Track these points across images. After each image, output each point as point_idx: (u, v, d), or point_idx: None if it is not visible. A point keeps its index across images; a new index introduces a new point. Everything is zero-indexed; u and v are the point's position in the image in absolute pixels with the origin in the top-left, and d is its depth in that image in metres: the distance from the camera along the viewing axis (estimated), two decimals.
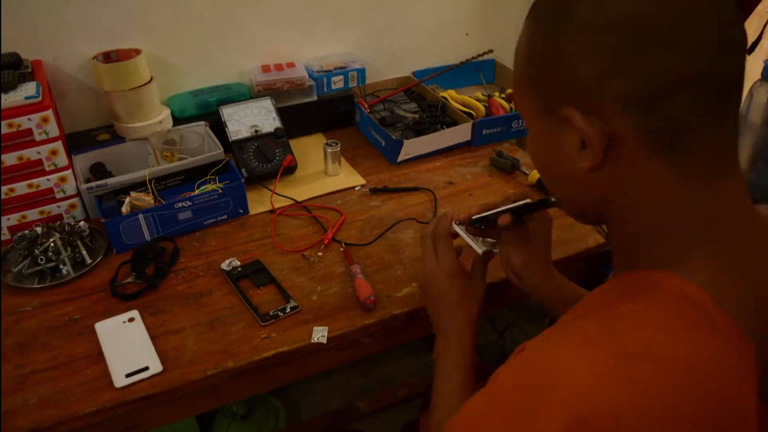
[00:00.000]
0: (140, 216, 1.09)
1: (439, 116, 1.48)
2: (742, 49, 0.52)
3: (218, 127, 1.31)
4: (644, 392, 0.45)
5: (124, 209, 1.10)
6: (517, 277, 0.91)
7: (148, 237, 1.11)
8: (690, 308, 0.49)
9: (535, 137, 0.62)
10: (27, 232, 1.07)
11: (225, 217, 1.18)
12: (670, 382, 0.45)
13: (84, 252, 1.07)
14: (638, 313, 0.50)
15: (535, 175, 1.28)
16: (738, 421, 0.48)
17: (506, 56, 1.71)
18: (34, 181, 1.09)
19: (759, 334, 0.51)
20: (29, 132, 1.05)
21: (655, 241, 0.55)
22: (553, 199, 0.82)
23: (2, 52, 1.17)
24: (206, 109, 1.37)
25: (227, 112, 1.33)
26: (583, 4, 0.52)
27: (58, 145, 1.09)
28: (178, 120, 1.35)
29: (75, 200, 1.15)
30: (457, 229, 0.90)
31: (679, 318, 0.49)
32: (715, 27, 0.49)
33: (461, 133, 1.42)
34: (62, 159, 1.11)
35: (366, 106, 1.49)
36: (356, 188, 1.29)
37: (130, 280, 1.03)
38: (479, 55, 1.56)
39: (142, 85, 1.26)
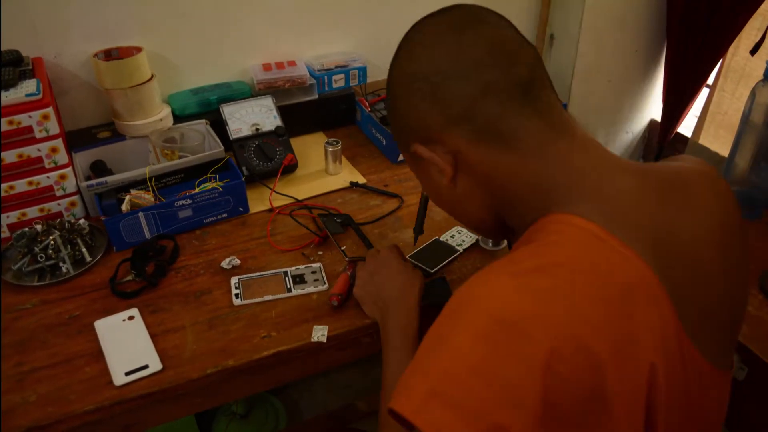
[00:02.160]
0: (140, 214, 1.09)
1: None
2: (528, 54, 0.65)
3: (219, 126, 1.31)
4: (540, 301, 0.52)
5: (125, 207, 1.10)
6: None
7: (148, 235, 1.11)
8: (581, 233, 0.58)
9: (417, 177, 0.77)
10: (27, 229, 1.07)
11: (225, 215, 1.18)
12: (565, 291, 0.53)
13: (84, 250, 1.07)
14: (534, 243, 0.59)
15: None
16: (640, 334, 0.54)
17: None
18: (34, 178, 1.09)
19: (667, 276, 0.58)
20: (29, 129, 1.05)
21: (535, 202, 0.64)
22: None
23: (3, 50, 1.17)
24: (207, 107, 1.37)
25: (228, 111, 1.33)
26: (395, 75, 0.70)
27: (59, 143, 1.09)
28: (178, 118, 1.35)
29: (75, 198, 1.15)
30: None
31: (572, 240, 0.58)
32: (487, 49, 0.63)
33: None
34: (62, 156, 1.11)
35: (367, 104, 1.48)
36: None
37: (129, 278, 1.03)
38: None
39: (142, 83, 1.26)
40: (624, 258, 0.57)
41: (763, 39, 1.42)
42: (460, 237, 1.12)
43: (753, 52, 1.45)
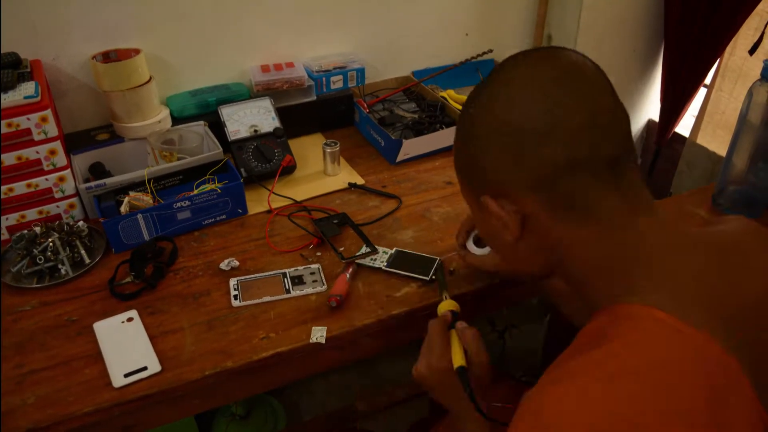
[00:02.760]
0: (139, 216, 1.09)
1: (438, 116, 1.48)
2: (620, 127, 0.63)
3: (217, 127, 1.31)
4: (633, 407, 0.50)
5: (123, 209, 1.10)
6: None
7: (146, 237, 1.11)
8: (662, 329, 0.55)
9: (475, 216, 0.74)
10: (26, 231, 1.07)
11: (224, 216, 1.18)
12: (655, 396, 0.50)
13: (83, 252, 1.07)
14: (614, 341, 0.56)
15: None
16: (726, 424, 0.51)
17: (505, 56, 1.71)
18: (33, 180, 1.09)
19: (740, 348, 0.56)
20: (28, 132, 1.05)
21: (605, 284, 0.63)
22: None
23: (2, 52, 1.17)
24: (205, 108, 1.37)
25: (226, 112, 1.33)
26: (480, 115, 0.65)
27: (57, 145, 1.09)
28: (177, 120, 1.35)
29: (74, 200, 1.15)
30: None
31: (654, 339, 0.55)
32: (586, 119, 0.60)
33: None
34: (61, 159, 1.11)
35: (365, 105, 1.49)
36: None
37: (128, 279, 1.03)
38: (479, 55, 1.56)
39: (141, 85, 1.26)
40: (704, 349, 0.55)
41: (761, 39, 1.43)
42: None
43: (752, 51, 1.45)
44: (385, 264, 1.05)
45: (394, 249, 1.09)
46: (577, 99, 0.61)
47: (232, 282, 1.03)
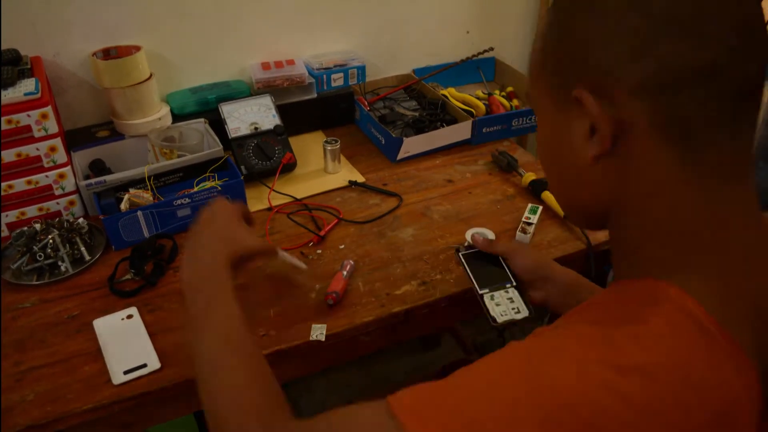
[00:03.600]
0: (139, 213, 1.09)
1: (439, 114, 1.48)
2: (766, 49, 0.50)
3: (218, 125, 1.31)
4: (625, 406, 0.45)
5: (123, 206, 1.10)
6: (538, 281, 0.91)
7: (146, 234, 1.11)
8: (687, 323, 0.49)
9: (543, 128, 0.61)
10: (26, 228, 1.07)
11: None
12: (657, 399, 0.45)
13: (83, 249, 1.07)
14: (634, 325, 0.49)
15: (528, 177, 1.27)
16: None
17: (506, 54, 1.71)
18: (33, 177, 1.09)
19: (759, 353, 0.50)
20: (28, 128, 1.05)
21: (657, 248, 0.54)
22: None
23: (2, 49, 1.17)
24: (206, 106, 1.37)
25: (227, 110, 1.33)
26: None
27: (57, 142, 1.09)
28: (177, 117, 1.35)
29: (74, 197, 1.15)
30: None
31: (676, 334, 0.48)
32: (741, 22, 0.48)
33: (461, 131, 1.42)
34: (61, 155, 1.11)
35: (366, 103, 1.48)
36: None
37: (128, 277, 1.03)
38: (479, 53, 1.56)
39: (141, 82, 1.26)
40: (730, 362, 0.48)
41: None
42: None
43: None
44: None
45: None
46: None
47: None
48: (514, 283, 0.90)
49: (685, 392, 0.46)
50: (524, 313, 0.86)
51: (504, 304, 0.87)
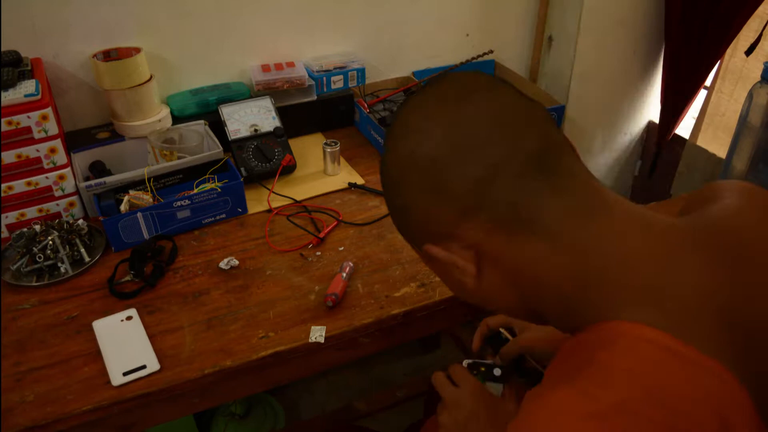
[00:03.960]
0: (139, 214, 1.09)
1: None
2: (533, 117, 0.56)
3: (218, 126, 1.31)
4: None
5: (123, 208, 1.10)
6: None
7: (146, 235, 1.11)
8: (650, 350, 0.49)
9: (434, 271, 0.66)
10: (25, 230, 1.07)
11: (224, 216, 1.18)
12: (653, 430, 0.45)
13: (82, 250, 1.07)
14: (604, 367, 0.49)
15: None
16: None
17: (506, 57, 1.71)
18: (33, 178, 1.09)
19: (745, 362, 0.50)
20: (28, 130, 1.05)
21: (582, 302, 0.55)
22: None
23: (2, 50, 1.17)
24: (206, 108, 1.37)
25: (227, 111, 1.33)
26: (390, 161, 0.59)
27: (57, 143, 1.09)
28: (177, 119, 1.35)
29: (74, 198, 1.15)
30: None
31: (646, 364, 0.48)
32: (488, 122, 0.55)
33: None
34: (61, 157, 1.11)
35: (366, 106, 1.49)
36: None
37: (128, 278, 1.03)
38: (479, 56, 1.56)
39: (141, 84, 1.26)
40: (708, 375, 0.48)
41: (758, 40, 1.43)
42: None
43: (748, 52, 1.45)
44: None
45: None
46: (474, 109, 0.56)
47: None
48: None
49: (671, 416, 0.45)
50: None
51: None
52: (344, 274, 1.02)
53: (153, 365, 0.87)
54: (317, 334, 0.93)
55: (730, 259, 0.55)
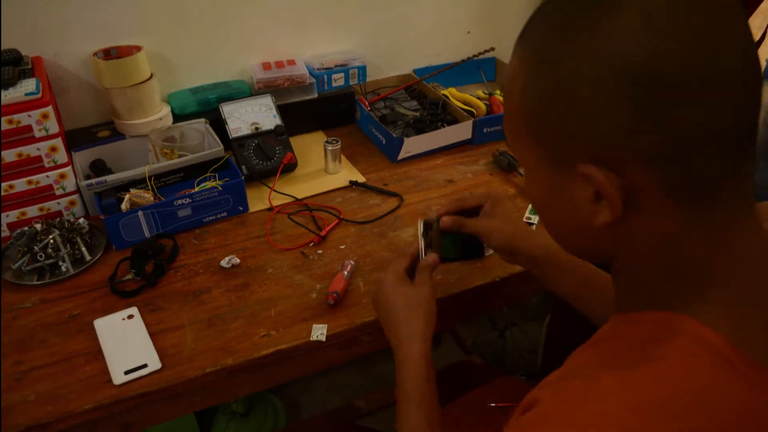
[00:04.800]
0: (140, 213, 1.09)
1: (439, 114, 1.48)
2: (758, 88, 0.49)
3: (218, 125, 1.31)
4: None
5: (124, 206, 1.10)
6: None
7: (147, 234, 1.11)
8: (706, 354, 0.47)
9: (535, 184, 0.58)
10: (26, 228, 1.07)
11: (225, 214, 1.18)
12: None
13: (83, 249, 1.07)
14: (651, 363, 0.48)
15: None
16: None
17: (507, 54, 1.69)
18: (34, 177, 1.09)
19: None
20: (29, 128, 1.05)
21: (665, 283, 0.52)
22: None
23: (2, 49, 1.17)
24: (206, 106, 1.37)
25: (227, 110, 1.33)
26: (593, 51, 0.47)
27: (58, 142, 1.09)
28: (178, 117, 1.35)
29: (74, 197, 1.15)
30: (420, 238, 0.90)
31: (693, 367, 0.47)
32: (741, 81, 0.47)
33: (462, 131, 1.42)
34: (62, 156, 1.11)
35: (367, 103, 1.48)
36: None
37: (129, 277, 1.03)
38: (480, 53, 1.56)
39: (142, 82, 1.26)
40: (758, 391, 0.47)
41: (763, 37, 1.42)
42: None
43: None
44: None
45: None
46: (731, 38, 0.46)
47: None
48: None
49: (711, 426, 0.45)
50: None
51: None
52: (345, 273, 1.02)
53: (154, 364, 0.87)
54: (318, 332, 0.93)
55: None
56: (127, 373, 0.86)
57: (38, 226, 1.07)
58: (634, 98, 0.46)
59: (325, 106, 1.48)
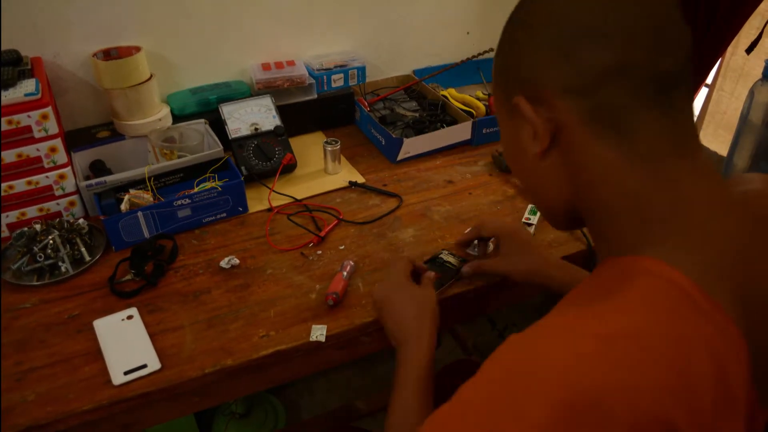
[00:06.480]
0: (139, 213, 1.09)
1: (439, 115, 1.48)
2: (682, 43, 0.56)
3: (218, 125, 1.31)
4: (626, 372, 0.46)
5: (124, 207, 1.10)
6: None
7: (147, 234, 1.11)
8: (673, 291, 0.51)
9: (502, 132, 0.68)
10: (26, 229, 1.07)
11: (224, 214, 1.18)
12: (652, 361, 0.47)
13: (83, 249, 1.07)
14: (620, 296, 0.51)
15: None
16: (728, 402, 0.49)
17: None
18: (34, 178, 1.09)
19: (749, 330, 0.53)
20: (29, 129, 1.05)
21: (624, 228, 0.57)
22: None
23: (2, 49, 1.17)
24: (206, 106, 1.37)
25: (227, 110, 1.33)
26: (539, 6, 0.59)
27: (58, 143, 1.09)
28: (177, 117, 1.35)
29: (74, 197, 1.15)
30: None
31: (662, 300, 0.51)
32: (650, 24, 0.54)
33: (461, 131, 1.42)
34: (62, 156, 1.11)
35: (366, 104, 1.48)
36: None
37: (128, 277, 1.03)
38: (480, 54, 1.56)
39: (142, 83, 1.26)
40: (715, 324, 0.51)
41: (759, 38, 1.42)
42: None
43: (749, 50, 1.45)
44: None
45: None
46: (641, 1, 0.55)
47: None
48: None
49: (672, 352, 0.48)
50: None
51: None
52: (345, 273, 1.02)
53: (154, 364, 0.87)
54: (318, 333, 0.93)
55: (760, 232, 0.58)
56: (126, 373, 0.86)
57: (38, 227, 1.07)
58: (557, 38, 0.56)
59: (324, 107, 1.49)
